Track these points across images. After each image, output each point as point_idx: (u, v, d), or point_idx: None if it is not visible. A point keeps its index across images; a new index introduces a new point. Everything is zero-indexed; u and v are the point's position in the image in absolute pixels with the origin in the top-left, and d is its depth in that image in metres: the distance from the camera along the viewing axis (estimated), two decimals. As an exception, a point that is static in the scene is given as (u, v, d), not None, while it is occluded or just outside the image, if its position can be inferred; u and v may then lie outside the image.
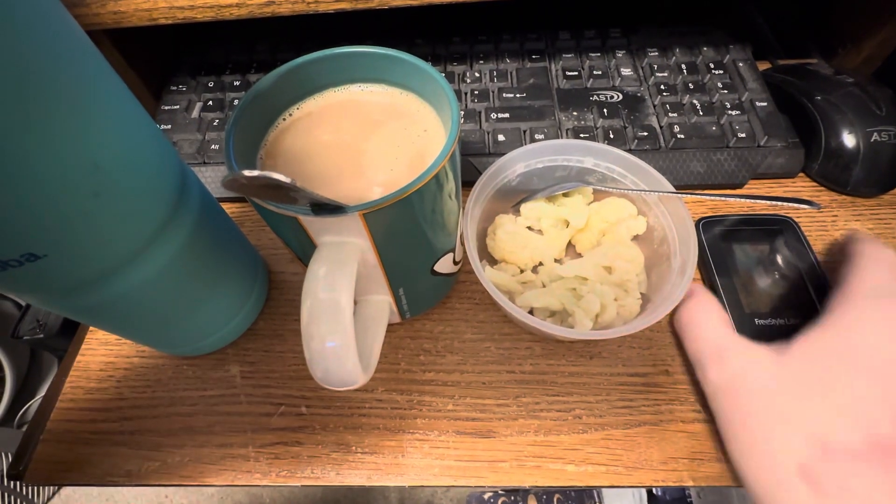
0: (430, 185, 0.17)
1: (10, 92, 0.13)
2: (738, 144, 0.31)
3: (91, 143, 0.15)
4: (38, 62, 0.13)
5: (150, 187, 0.18)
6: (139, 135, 0.18)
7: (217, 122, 0.34)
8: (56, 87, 0.14)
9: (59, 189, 0.15)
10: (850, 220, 0.30)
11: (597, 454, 0.23)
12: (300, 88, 0.22)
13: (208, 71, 0.37)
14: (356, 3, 0.30)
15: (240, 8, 0.30)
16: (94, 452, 0.25)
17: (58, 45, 0.14)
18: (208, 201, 0.23)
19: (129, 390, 0.26)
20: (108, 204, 0.16)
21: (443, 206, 0.20)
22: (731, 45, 0.36)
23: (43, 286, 0.17)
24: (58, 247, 0.16)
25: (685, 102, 0.33)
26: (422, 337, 0.27)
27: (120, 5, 0.30)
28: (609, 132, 0.32)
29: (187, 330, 0.25)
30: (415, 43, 0.38)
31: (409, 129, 0.21)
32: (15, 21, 0.13)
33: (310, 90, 0.22)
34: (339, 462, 0.24)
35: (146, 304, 0.21)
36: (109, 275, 0.18)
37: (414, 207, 0.18)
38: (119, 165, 0.16)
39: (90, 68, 0.16)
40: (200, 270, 0.22)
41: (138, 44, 0.36)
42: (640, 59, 0.36)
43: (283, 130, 0.21)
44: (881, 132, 0.30)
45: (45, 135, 0.14)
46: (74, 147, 0.15)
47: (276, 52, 0.38)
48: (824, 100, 0.31)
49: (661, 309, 0.22)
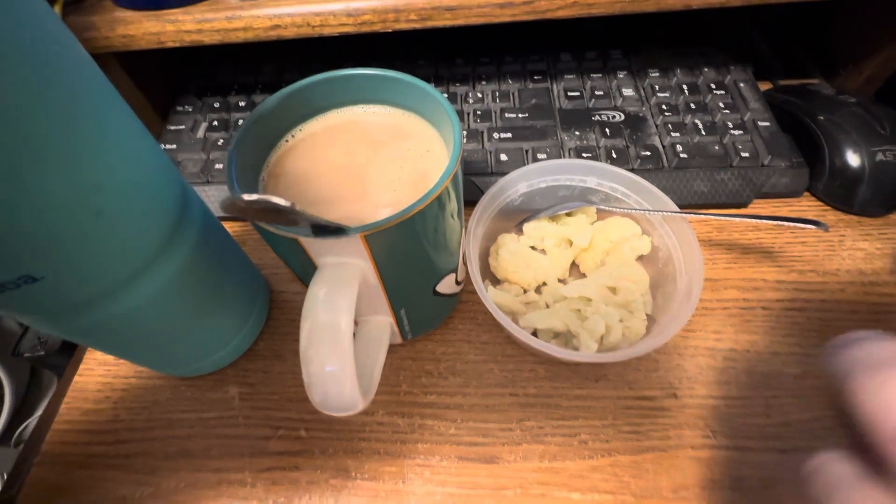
0: (433, 205, 0.17)
1: (12, 113, 0.13)
2: (742, 164, 0.31)
3: (94, 164, 0.15)
4: (41, 84, 0.13)
5: (151, 208, 0.18)
6: (142, 155, 0.18)
7: (221, 142, 0.34)
8: (59, 108, 0.14)
9: (60, 210, 0.15)
10: (858, 239, 0.30)
11: (604, 481, 0.23)
12: (303, 110, 0.22)
13: (214, 92, 0.38)
14: (360, 27, 0.30)
15: (246, 31, 0.30)
16: (88, 476, 0.24)
17: (61, 66, 0.14)
18: (210, 221, 0.23)
19: (125, 412, 0.26)
20: (108, 225, 0.16)
21: (445, 227, 0.20)
22: (732, 65, 0.36)
23: (40, 308, 0.17)
24: (56, 269, 0.16)
25: (687, 122, 0.33)
26: (423, 358, 0.27)
27: (129, 29, 0.31)
28: (612, 152, 0.32)
29: (186, 350, 0.24)
30: (418, 64, 0.39)
31: (412, 149, 0.21)
32: (18, 43, 0.13)
33: (313, 112, 0.22)
34: (338, 488, 0.23)
35: (145, 324, 0.20)
36: (108, 296, 0.18)
37: (416, 228, 0.18)
38: (121, 186, 0.16)
39: (93, 89, 0.16)
40: (200, 291, 0.22)
41: (146, 66, 0.37)
42: (642, 79, 0.36)
43: (287, 151, 0.21)
44: (886, 151, 0.29)
45: (46, 156, 0.14)
46: (77, 168, 0.15)
47: (281, 74, 0.39)
48: (827, 120, 0.31)
49: (668, 330, 0.21)
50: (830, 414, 0.24)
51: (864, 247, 0.29)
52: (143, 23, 0.30)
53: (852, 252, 0.29)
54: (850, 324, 0.26)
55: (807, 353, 0.26)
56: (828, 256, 0.29)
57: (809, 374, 0.25)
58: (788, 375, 0.25)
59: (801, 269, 0.29)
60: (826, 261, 0.29)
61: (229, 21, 0.30)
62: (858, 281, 0.28)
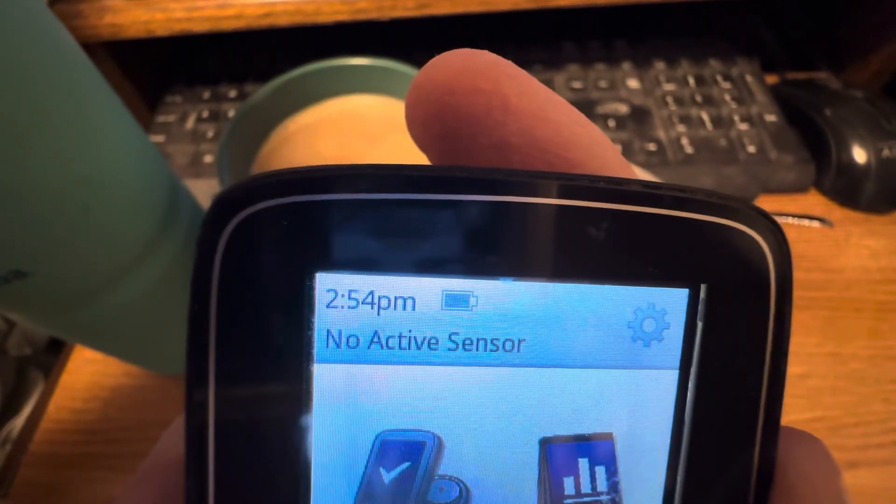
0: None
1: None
2: (748, 159, 0.30)
3: (82, 157, 0.15)
4: (28, 73, 0.13)
5: (140, 201, 0.18)
6: (131, 148, 0.17)
7: (212, 134, 0.34)
8: (46, 98, 0.13)
9: (48, 203, 0.14)
10: (864, 236, 0.29)
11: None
12: (296, 101, 0.21)
13: (205, 82, 0.37)
14: (355, 15, 0.29)
15: (237, 19, 0.30)
16: (78, 476, 0.24)
17: (48, 55, 0.14)
18: (199, 216, 0.22)
19: (115, 411, 0.26)
20: (97, 219, 0.16)
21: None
22: (738, 57, 0.35)
23: (29, 304, 0.17)
24: (45, 264, 0.15)
25: (693, 115, 0.32)
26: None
27: (118, 18, 0.30)
28: (616, 144, 0.31)
29: (176, 347, 0.24)
30: (416, 54, 0.38)
31: (409, 141, 0.20)
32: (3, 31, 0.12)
33: (306, 102, 0.21)
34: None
35: (135, 321, 0.20)
36: (98, 292, 0.18)
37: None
38: (109, 179, 0.16)
39: (82, 80, 0.15)
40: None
41: (135, 55, 0.36)
42: (647, 70, 0.35)
43: (279, 144, 0.20)
44: (893, 147, 0.29)
45: (34, 148, 0.13)
46: (64, 160, 0.14)
47: (273, 64, 0.38)
48: (834, 114, 0.30)
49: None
50: (832, 414, 0.24)
51: (871, 244, 0.29)
52: (131, 11, 0.30)
53: (858, 249, 0.29)
54: (855, 323, 0.26)
55: (810, 353, 0.25)
56: (833, 254, 0.29)
57: (813, 374, 0.24)
58: (792, 375, 0.25)
59: (807, 266, 0.28)
60: (831, 258, 0.28)
61: (220, 9, 0.29)
62: (864, 279, 0.27)
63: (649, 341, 0.08)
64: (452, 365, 0.07)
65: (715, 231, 0.07)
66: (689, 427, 0.08)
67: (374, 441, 0.07)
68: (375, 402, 0.07)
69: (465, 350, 0.07)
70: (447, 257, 0.07)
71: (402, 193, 0.07)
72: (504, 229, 0.07)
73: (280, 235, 0.07)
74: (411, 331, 0.07)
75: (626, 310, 0.07)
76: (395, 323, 0.07)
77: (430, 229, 0.07)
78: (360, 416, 0.07)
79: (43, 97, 0.13)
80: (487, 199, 0.07)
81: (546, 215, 0.07)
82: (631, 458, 0.08)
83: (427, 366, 0.07)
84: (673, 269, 0.07)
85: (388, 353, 0.07)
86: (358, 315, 0.07)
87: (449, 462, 0.08)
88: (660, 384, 0.08)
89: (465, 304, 0.07)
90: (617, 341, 0.08)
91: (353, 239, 0.07)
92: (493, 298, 0.07)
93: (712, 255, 0.07)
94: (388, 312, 0.07)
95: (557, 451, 0.08)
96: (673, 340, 0.08)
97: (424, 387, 0.07)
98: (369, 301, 0.07)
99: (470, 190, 0.07)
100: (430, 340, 0.07)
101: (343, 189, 0.07)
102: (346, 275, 0.07)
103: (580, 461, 0.08)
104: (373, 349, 0.07)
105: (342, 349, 0.07)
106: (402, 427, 0.07)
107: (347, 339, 0.07)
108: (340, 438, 0.07)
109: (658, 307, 0.08)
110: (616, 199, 0.07)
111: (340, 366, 0.07)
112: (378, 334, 0.07)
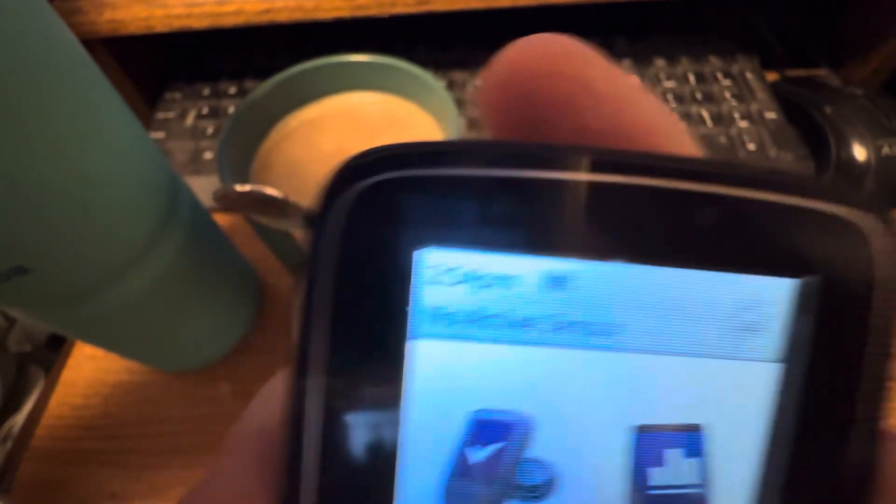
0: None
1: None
2: (748, 156, 0.30)
3: (83, 154, 0.15)
4: (28, 70, 0.13)
5: (141, 198, 0.18)
6: (131, 145, 0.17)
7: (211, 131, 0.34)
8: (47, 95, 0.13)
9: (49, 201, 0.14)
10: (863, 234, 0.29)
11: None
12: (296, 97, 0.21)
13: (204, 78, 0.37)
14: (355, 11, 0.29)
15: (237, 15, 0.29)
16: (79, 472, 0.24)
17: (48, 51, 0.14)
18: (199, 213, 0.22)
19: (116, 407, 0.26)
20: (98, 216, 0.16)
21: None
22: (738, 54, 0.35)
23: (30, 300, 0.17)
24: (46, 260, 0.15)
25: (693, 112, 0.32)
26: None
27: (117, 14, 0.30)
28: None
29: (178, 345, 0.24)
30: (416, 51, 0.38)
31: (409, 138, 0.20)
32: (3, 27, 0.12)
33: (306, 99, 0.21)
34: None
35: (136, 318, 0.20)
36: (98, 288, 0.18)
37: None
38: (110, 176, 0.16)
39: (82, 77, 0.15)
40: (191, 284, 0.21)
41: (134, 51, 0.36)
42: (647, 67, 0.35)
43: (279, 141, 0.21)
44: (892, 145, 0.29)
45: (36, 145, 0.13)
46: (66, 157, 0.14)
47: (273, 60, 0.37)
48: (834, 112, 0.30)
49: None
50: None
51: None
52: (131, 7, 0.30)
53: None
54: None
55: None
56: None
57: None
58: None
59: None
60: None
61: (220, 5, 0.29)
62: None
63: (750, 332, 0.07)
64: (549, 346, 0.07)
65: (825, 221, 0.07)
66: (786, 423, 0.07)
67: (468, 419, 0.07)
68: (471, 381, 0.07)
69: (562, 332, 0.07)
70: (552, 237, 0.07)
71: (516, 170, 0.07)
72: (611, 211, 0.07)
73: (395, 208, 0.07)
74: (511, 310, 0.07)
75: (729, 298, 0.07)
76: (495, 301, 0.07)
77: (537, 208, 0.07)
78: (454, 394, 0.07)
79: (44, 94, 0.13)
80: (599, 180, 0.07)
81: (656, 198, 0.07)
82: (722, 451, 0.07)
83: (524, 346, 0.07)
84: (780, 258, 0.07)
85: (486, 331, 0.07)
86: (459, 292, 0.07)
87: (539, 444, 0.07)
88: (758, 377, 0.07)
89: (565, 286, 0.07)
90: (718, 330, 0.07)
91: (463, 216, 0.07)
92: (593, 281, 0.07)
93: (820, 246, 0.07)
94: (489, 291, 0.07)
95: (648, 439, 0.07)
96: (775, 332, 0.07)
97: (520, 367, 0.07)
98: (472, 278, 0.07)
99: (584, 169, 0.07)
100: (529, 321, 0.07)
101: (462, 164, 0.07)
102: (451, 251, 0.07)
103: (670, 451, 0.07)
104: (471, 327, 0.07)
105: (442, 326, 0.07)
106: (495, 407, 0.07)
107: (447, 316, 0.07)
108: (435, 415, 0.07)
109: (762, 297, 0.07)
110: (728, 183, 0.07)
111: (439, 342, 0.07)
112: (478, 312, 0.07)
